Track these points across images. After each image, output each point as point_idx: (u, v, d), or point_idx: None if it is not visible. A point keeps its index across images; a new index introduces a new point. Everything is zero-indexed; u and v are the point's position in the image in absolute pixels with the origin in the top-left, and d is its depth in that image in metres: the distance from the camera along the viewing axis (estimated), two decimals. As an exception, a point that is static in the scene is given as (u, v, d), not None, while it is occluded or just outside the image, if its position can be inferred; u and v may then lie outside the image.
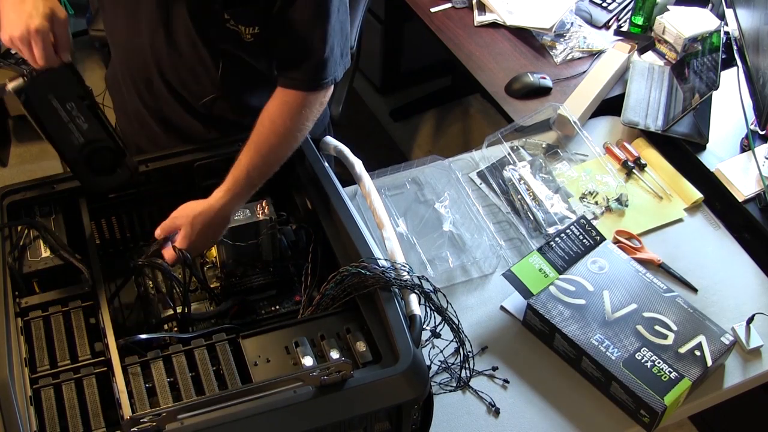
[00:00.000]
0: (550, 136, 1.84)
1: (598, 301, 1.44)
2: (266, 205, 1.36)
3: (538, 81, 1.97)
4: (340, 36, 1.33)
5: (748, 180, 1.71)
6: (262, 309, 1.33)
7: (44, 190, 1.33)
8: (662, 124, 1.82)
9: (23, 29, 1.14)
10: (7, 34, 1.15)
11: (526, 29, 2.15)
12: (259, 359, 1.13)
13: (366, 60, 3.08)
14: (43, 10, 1.14)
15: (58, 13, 1.17)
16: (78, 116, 1.23)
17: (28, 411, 1.04)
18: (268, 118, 1.32)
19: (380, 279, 1.17)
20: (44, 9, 1.14)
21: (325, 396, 1.03)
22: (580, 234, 1.55)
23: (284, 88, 1.34)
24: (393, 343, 1.10)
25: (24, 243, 1.28)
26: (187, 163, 1.40)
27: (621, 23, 2.20)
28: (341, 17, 1.32)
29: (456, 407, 1.36)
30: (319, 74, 1.33)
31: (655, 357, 1.35)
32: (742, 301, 1.54)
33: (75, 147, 1.25)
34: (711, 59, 1.82)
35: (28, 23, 1.13)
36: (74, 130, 1.24)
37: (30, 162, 2.90)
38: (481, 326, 1.48)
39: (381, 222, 1.33)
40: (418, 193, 1.73)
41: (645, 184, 1.75)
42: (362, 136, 3.07)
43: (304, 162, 1.40)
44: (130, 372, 1.11)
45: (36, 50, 1.15)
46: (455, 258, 1.59)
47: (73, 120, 1.23)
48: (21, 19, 1.14)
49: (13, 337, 1.12)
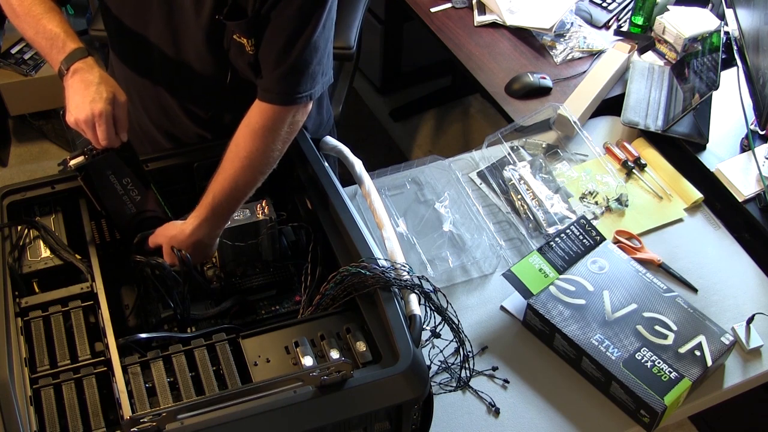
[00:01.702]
0: (550, 136, 1.84)
1: (598, 301, 1.44)
2: (266, 205, 1.36)
3: (538, 81, 1.97)
4: (322, 52, 1.27)
5: (748, 180, 1.71)
6: (262, 309, 1.34)
7: (44, 190, 1.33)
8: (662, 124, 1.83)
9: (88, 113, 1.20)
10: (73, 117, 1.21)
11: (526, 29, 2.15)
12: (259, 359, 1.13)
13: (366, 60, 3.08)
14: (106, 95, 1.21)
15: (119, 96, 1.23)
16: (132, 189, 1.31)
17: (28, 411, 1.04)
18: (234, 142, 1.28)
19: (380, 279, 1.16)
20: (107, 93, 1.21)
21: (325, 396, 1.03)
22: (580, 234, 1.55)
23: (256, 102, 1.28)
24: (393, 343, 1.10)
25: (24, 243, 1.28)
26: (187, 164, 1.40)
27: (621, 23, 2.20)
28: (326, 34, 1.27)
29: (456, 407, 1.36)
30: (289, 86, 1.26)
31: (655, 357, 1.35)
32: (742, 301, 1.54)
33: (127, 216, 1.32)
34: (711, 59, 1.82)
35: (92, 107, 1.20)
36: (127, 201, 1.31)
37: (30, 162, 2.90)
38: (481, 326, 1.48)
39: (381, 222, 1.33)
40: (418, 193, 1.73)
41: (645, 184, 1.75)
42: (362, 136, 3.07)
43: (304, 162, 1.40)
44: (130, 372, 1.11)
45: (99, 132, 1.21)
46: (455, 258, 1.59)
47: (127, 193, 1.30)
48: (85, 103, 1.20)
49: (13, 337, 1.12)
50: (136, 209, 1.33)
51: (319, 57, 1.27)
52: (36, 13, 1.26)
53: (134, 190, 1.31)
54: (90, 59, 1.25)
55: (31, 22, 1.26)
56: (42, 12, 1.26)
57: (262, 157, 1.28)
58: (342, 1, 2.13)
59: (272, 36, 1.24)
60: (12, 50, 2.67)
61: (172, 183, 1.40)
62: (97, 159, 1.26)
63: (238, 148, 1.27)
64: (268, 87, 1.27)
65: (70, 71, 1.23)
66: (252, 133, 1.27)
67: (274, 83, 1.26)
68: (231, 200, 1.28)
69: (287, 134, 1.30)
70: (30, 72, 2.63)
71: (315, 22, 1.22)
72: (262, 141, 1.27)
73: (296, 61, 1.24)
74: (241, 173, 1.26)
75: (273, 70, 1.26)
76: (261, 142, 1.27)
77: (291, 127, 1.30)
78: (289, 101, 1.27)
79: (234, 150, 1.27)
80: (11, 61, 2.64)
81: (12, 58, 2.65)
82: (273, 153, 1.29)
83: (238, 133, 1.28)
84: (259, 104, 1.28)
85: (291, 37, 1.22)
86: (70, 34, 1.25)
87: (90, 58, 1.25)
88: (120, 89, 1.25)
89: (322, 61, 1.28)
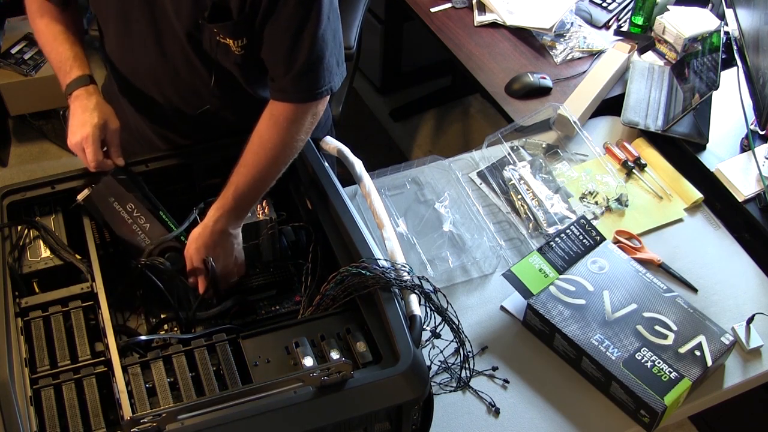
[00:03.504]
0: (550, 136, 1.85)
1: (598, 301, 1.44)
2: (266, 205, 1.36)
3: (538, 81, 1.97)
4: (333, 44, 1.26)
5: (748, 180, 1.71)
6: (263, 309, 1.33)
7: (44, 190, 1.33)
8: (662, 124, 1.83)
9: (78, 137, 1.28)
10: (69, 140, 1.30)
11: (526, 29, 2.15)
12: (259, 359, 1.13)
13: (366, 60, 3.08)
14: (96, 121, 1.28)
15: (110, 123, 1.31)
16: (139, 217, 1.30)
17: (28, 411, 1.04)
18: (257, 134, 1.29)
19: (380, 279, 1.17)
20: (98, 119, 1.29)
21: (325, 396, 1.03)
22: (580, 234, 1.55)
23: (274, 100, 1.29)
24: (393, 344, 1.10)
25: (24, 243, 1.28)
26: (186, 164, 1.40)
27: (621, 23, 2.20)
28: (333, 25, 1.25)
29: (456, 407, 1.36)
30: (308, 84, 1.27)
31: (655, 357, 1.35)
32: (742, 301, 1.54)
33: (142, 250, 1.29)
34: (711, 59, 1.82)
35: (82, 131, 1.28)
36: (138, 231, 1.30)
37: (30, 162, 2.90)
38: (481, 326, 1.48)
39: (381, 222, 1.33)
40: (418, 193, 1.73)
41: (645, 184, 1.75)
42: (362, 136, 3.07)
43: (304, 162, 1.40)
44: (131, 372, 1.11)
45: (87, 154, 1.28)
46: (455, 258, 1.59)
47: (135, 220, 1.30)
48: (77, 127, 1.29)
49: (13, 337, 1.12)
50: (149, 239, 1.30)
51: (331, 49, 1.26)
52: (53, 32, 1.35)
53: (141, 217, 1.30)
54: (91, 87, 1.33)
55: (48, 40, 1.36)
56: (58, 32, 1.35)
57: (287, 148, 1.30)
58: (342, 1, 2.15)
59: (276, 39, 1.23)
60: (12, 50, 2.67)
61: (172, 183, 1.40)
62: (97, 186, 1.30)
63: (262, 140, 1.28)
64: (284, 88, 1.27)
65: (72, 97, 1.32)
66: (276, 125, 1.28)
67: (289, 84, 1.27)
68: (257, 191, 1.30)
69: (311, 124, 1.32)
70: (30, 72, 2.63)
71: (317, 15, 1.20)
72: (286, 133, 1.29)
73: (308, 59, 1.24)
74: (264, 164, 1.28)
75: (285, 73, 1.26)
76: (285, 134, 1.29)
77: (314, 117, 1.32)
78: (309, 98, 1.29)
79: (257, 142, 1.28)
80: (11, 61, 2.64)
81: (12, 58, 2.65)
82: (297, 144, 1.31)
83: (261, 125, 1.29)
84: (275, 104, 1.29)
85: (296, 36, 1.22)
86: (79, 59, 1.34)
87: (91, 86, 1.33)
88: (114, 116, 1.32)
89: (335, 53, 1.28)
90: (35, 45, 2.65)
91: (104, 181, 1.30)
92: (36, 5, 1.38)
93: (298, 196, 1.43)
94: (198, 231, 1.28)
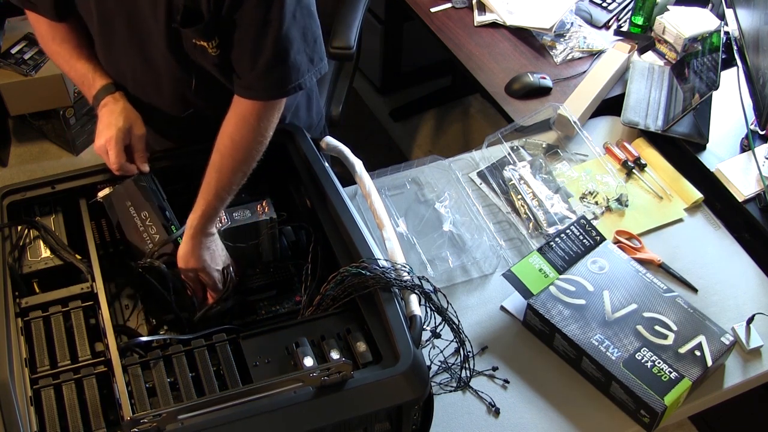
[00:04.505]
0: (550, 136, 1.85)
1: (598, 301, 1.44)
2: (266, 205, 1.36)
3: (538, 81, 1.97)
4: (300, 42, 1.24)
5: (748, 180, 1.71)
6: (263, 309, 1.33)
7: (44, 190, 1.33)
8: (662, 124, 1.83)
9: (102, 139, 1.31)
10: (95, 143, 1.33)
11: (526, 29, 2.15)
12: (259, 360, 1.13)
13: (366, 60, 3.08)
14: (121, 125, 1.32)
15: (135, 129, 1.34)
16: (150, 226, 1.30)
17: (28, 411, 1.04)
18: (227, 136, 1.28)
19: (380, 279, 1.17)
20: (123, 123, 1.32)
21: (325, 396, 1.03)
22: (580, 234, 1.55)
23: (241, 98, 1.28)
24: (393, 344, 1.10)
25: (24, 243, 1.28)
26: (186, 164, 1.40)
27: (621, 23, 2.20)
28: (301, 23, 1.23)
29: (456, 407, 1.36)
30: (274, 81, 1.25)
31: (655, 357, 1.35)
32: (742, 301, 1.54)
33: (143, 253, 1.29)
34: (711, 59, 1.82)
35: (106, 134, 1.31)
36: (147, 240, 1.29)
37: (30, 162, 2.90)
38: (481, 326, 1.48)
39: (381, 222, 1.33)
40: (418, 193, 1.73)
41: (645, 184, 1.75)
42: (362, 136, 3.07)
43: (305, 162, 1.40)
44: (131, 372, 1.11)
45: (110, 156, 1.31)
46: (455, 258, 1.59)
47: (147, 229, 1.30)
48: (102, 130, 1.32)
49: (13, 338, 1.12)
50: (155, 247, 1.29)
51: (298, 47, 1.25)
52: (67, 52, 1.38)
53: (153, 227, 1.29)
54: (117, 94, 1.37)
55: (65, 60, 1.39)
56: (72, 49, 1.38)
57: (260, 145, 1.30)
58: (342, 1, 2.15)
59: (240, 36, 1.23)
60: (12, 50, 2.66)
61: (171, 183, 1.40)
62: (117, 187, 1.32)
63: (234, 141, 1.28)
64: (251, 85, 1.26)
65: (101, 105, 1.36)
66: (246, 124, 1.28)
67: (255, 81, 1.26)
68: (232, 191, 1.30)
69: (277, 120, 1.31)
70: (30, 72, 2.63)
71: (279, 12, 1.19)
72: (257, 131, 1.28)
73: (273, 55, 1.23)
74: (241, 164, 1.28)
75: (250, 70, 1.25)
76: (257, 132, 1.28)
77: (279, 113, 1.31)
78: (276, 95, 1.28)
79: (229, 144, 1.28)
80: (11, 61, 2.63)
81: (12, 58, 2.65)
82: (267, 140, 1.31)
83: (229, 127, 1.28)
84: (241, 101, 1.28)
85: (259, 32, 1.21)
86: (98, 70, 1.38)
87: (117, 93, 1.37)
88: (140, 121, 1.35)
89: (304, 50, 1.26)
90: (35, 45, 2.64)
91: (125, 185, 1.32)
92: (44, 29, 1.40)
93: (298, 196, 1.43)
94: (182, 249, 1.28)
